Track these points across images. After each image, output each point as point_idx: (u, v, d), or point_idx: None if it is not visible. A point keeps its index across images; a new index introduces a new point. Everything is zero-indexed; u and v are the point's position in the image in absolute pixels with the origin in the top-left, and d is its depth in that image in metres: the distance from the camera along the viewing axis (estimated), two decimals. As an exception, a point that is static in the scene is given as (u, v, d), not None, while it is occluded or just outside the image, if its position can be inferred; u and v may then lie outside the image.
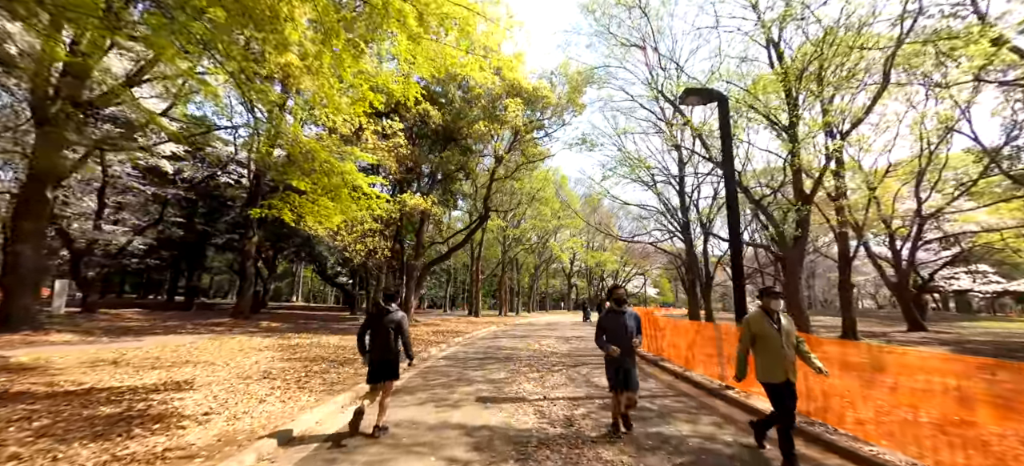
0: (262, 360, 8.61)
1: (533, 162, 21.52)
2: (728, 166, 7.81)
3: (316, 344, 11.44)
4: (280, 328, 16.65)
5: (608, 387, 4.81)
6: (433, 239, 25.16)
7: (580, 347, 12.83)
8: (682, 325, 8.63)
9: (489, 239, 38.88)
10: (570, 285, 61.65)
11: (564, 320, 29.92)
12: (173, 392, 5.69)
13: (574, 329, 20.84)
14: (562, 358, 10.33)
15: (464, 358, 10.26)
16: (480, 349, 12.07)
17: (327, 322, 20.60)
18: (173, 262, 32.66)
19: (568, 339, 15.39)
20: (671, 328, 9.18)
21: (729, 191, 7.76)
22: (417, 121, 18.55)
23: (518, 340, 14.77)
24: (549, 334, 17.52)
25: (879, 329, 21.92)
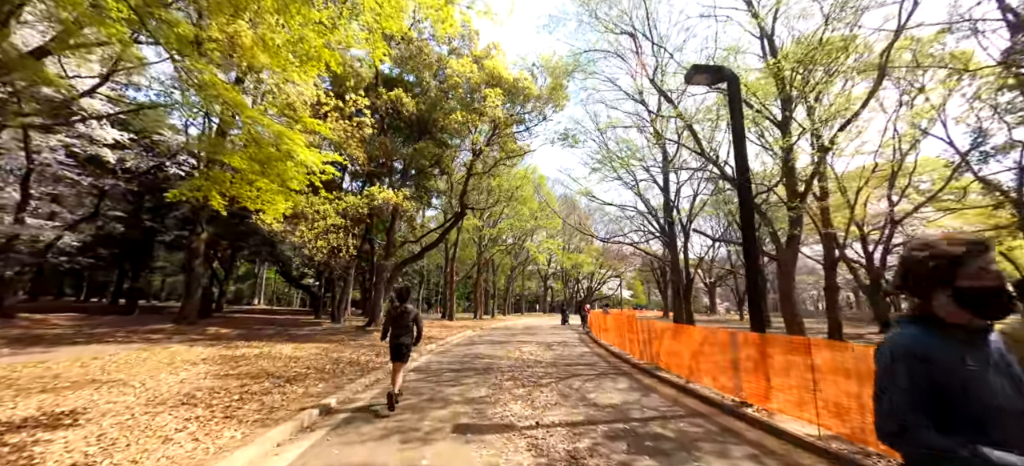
0: (191, 377, 7.12)
1: (512, 158, 20.49)
2: (741, 155, 6.96)
3: (265, 355, 9.92)
4: (229, 335, 14.87)
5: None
6: (405, 239, 23.68)
7: (565, 354, 11.82)
8: (685, 331, 7.74)
9: (464, 239, 37.54)
10: (546, 287, 60.99)
11: (542, 323, 28.99)
12: (45, 429, 4.25)
13: (554, 333, 19.88)
14: (548, 368, 9.27)
15: (438, 370, 9.04)
16: (456, 358, 10.86)
17: (286, 327, 18.81)
18: (116, 261, 29.70)
19: (550, 345, 14.38)
20: (670, 334, 8.28)
21: (742, 184, 6.92)
22: (389, 110, 17.15)
23: (497, 346, 13.64)
24: (529, 339, 16.47)
25: (854, 331, 22.10)
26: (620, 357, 11.16)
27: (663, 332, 8.66)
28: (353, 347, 11.93)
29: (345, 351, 10.99)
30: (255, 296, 62.39)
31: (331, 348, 11.58)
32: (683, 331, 7.81)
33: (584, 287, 66.94)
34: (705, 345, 6.96)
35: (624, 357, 10.96)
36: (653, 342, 9.22)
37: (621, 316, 15.24)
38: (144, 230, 27.19)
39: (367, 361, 9.50)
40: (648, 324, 9.72)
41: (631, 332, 11.51)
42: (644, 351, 9.94)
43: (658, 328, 8.85)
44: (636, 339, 10.91)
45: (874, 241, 26.46)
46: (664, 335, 8.61)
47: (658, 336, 8.88)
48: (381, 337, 6.18)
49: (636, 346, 10.79)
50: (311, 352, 10.64)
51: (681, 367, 7.74)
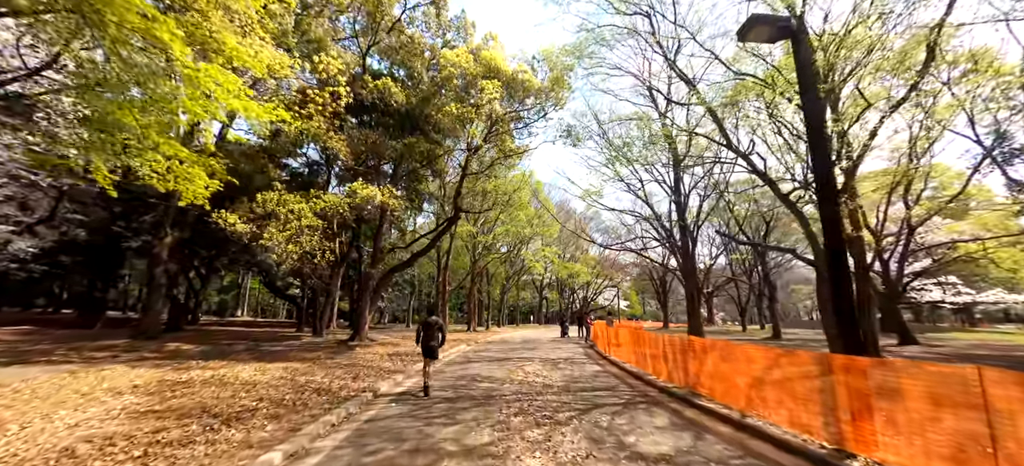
0: (97, 417, 5.37)
1: (510, 158, 18.99)
2: (816, 128, 5.50)
3: (215, 380, 8.15)
4: (189, 353, 13.01)
5: None
6: (394, 245, 21.97)
7: (576, 375, 10.18)
8: (738, 351, 6.17)
9: (458, 247, 35.84)
10: (541, 297, 59.30)
11: (540, 335, 27.28)
12: None
13: (556, 348, 18.21)
14: (562, 396, 7.63)
15: (427, 399, 7.35)
16: (449, 381, 9.17)
17: (259, 342, 16.91)
18: (80, 269, 27.52)
19: (556, 362, 12.72)
20: (716, 354, 6.71)
21: (819, 171, 5.44)
22: (376, 100, 15.55)
23: (496, 365, 11.95)
24: (530, 354, 14.80)
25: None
26: (640, 377, 9.55)
27: (704, 350, 7.08)
28: (328, 368, 10.17)
29: (316, 374, 9.24)
30: (238, 307, 59.91)
31: (301, 369, 9.81)
32: (736, 351, 6.24)
33: (580, 297, 65.36)
34: (773, 369, 5.39)
35: (645, 378, 9.36)
36: (688, 362, 7.63)
37: (632, 329, 13.68)
38: (111, 236, 25.16)
39: (340, 387, 7.78)
40: (680, 340, 8.14)
41: (650, 348, 9.92)
42: (673, 372, 8.35)
43: (697, 346, 7.27)
44: (659, 356, 9.33)
45: (888, 249, 25.34)
46: (706, 354, 7.03)
47: (697, 355, 7.29)
48: (416, 342, 8.17)
49: (660, 364, 9.19)
50: (275, 375, 8.88)
51: (732, 396, 6.15)
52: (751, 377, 5.78)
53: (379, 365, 10.94)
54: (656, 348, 9.54)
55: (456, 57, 16.21)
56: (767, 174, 10.68)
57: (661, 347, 9.20)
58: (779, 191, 10.52)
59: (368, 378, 8.92)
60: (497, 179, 19.76)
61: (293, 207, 11.65)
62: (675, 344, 8.32)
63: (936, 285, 32.40)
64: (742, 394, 5.95)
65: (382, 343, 17.30)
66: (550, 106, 18.70)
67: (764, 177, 10.60)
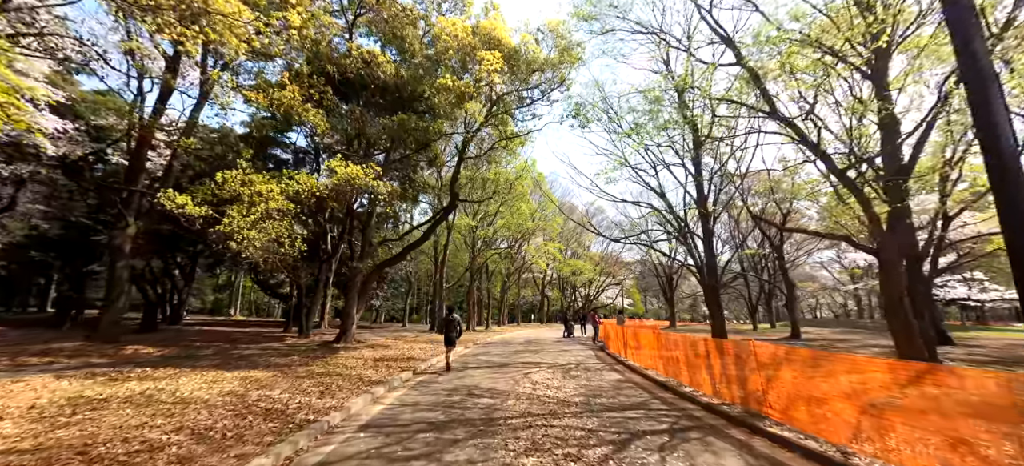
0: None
1: (511, 142, 17.26)
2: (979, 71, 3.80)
3: (144, 397, 6.44)
4: (145, 358, 11.32)
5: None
6: (386, 238, 20.25)
7: (594, 386, 8.46)
8: (833, 363, 4.46)
9: (456, 242, 34.12)
10: (543, 296, 57.62)
11: (543, 335, 25.57)
12: None
13: (563, 349, 16.50)
14: (584, 419, 5.93)
15: (407, 426, 5.64)
16: (439, 397, 7.46)
17: (237, 344, 15.19)
18: (46, 266, 25.83)
19: (566, 368, 11.01)
20: (799, 364, 4.99)
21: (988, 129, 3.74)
22: (363, 71, 13.78)
23: (497, 372, 10.24)
24: (536, 358, 13.09)
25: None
26: (673, 390, 7.85)
27: (775, 360, 5.36)
28: (296, 377, 8.46)
29: (277, 387, 7.52)
30: (231, 306, 58.30)
31: (262, 380, 8.10)
32: (830, 362, 4.53)
33: (582, 296, 63.68)
34: (909, 389, 3.68)
35: (679, 390, 7.66)
36: (746, 373, 5.92)
37: (655, 330, 12.03)
38: (83, 229, 23.44)
39: (299, 407, 6.07)
40: (734, 346, 6.42)
41: (684, 353, 8.22)
42: (720, 385, 6.64)
43: (763, 354, 5.54)
44: (696, 363, 7.63)
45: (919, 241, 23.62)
46: (778, 366, 5.31)
47: (762, 366, 5.57)
48: (439, 331, 10.86)
49: (698, 374, 7.50)
50: (225, 389, 7.17)
51: (827, 424, 4.43)
52: (863, 399, 4.07)
53: (360, 373, 9.23)
54: (693, 354, 7.84)
55: (452, 26, 14.47)
56: (820, 147, 8.95)
57: (700, 353, 7.49)
58: (836, 168, 8.80)
59: (341, 392, 7.20)
60: (498, 165, 18.09)
61: (260, 188, 9.92)
62: (725, 350, 6.61)
63: (960, 281, 30.71)
64: (843, 422, 4.23)
65: (371, 345, 15.59)
66: (556, 88, 16.95)
67: (817, 151, 8.87)
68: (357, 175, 10.65)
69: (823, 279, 57.35)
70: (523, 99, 17.42)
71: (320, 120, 11.42)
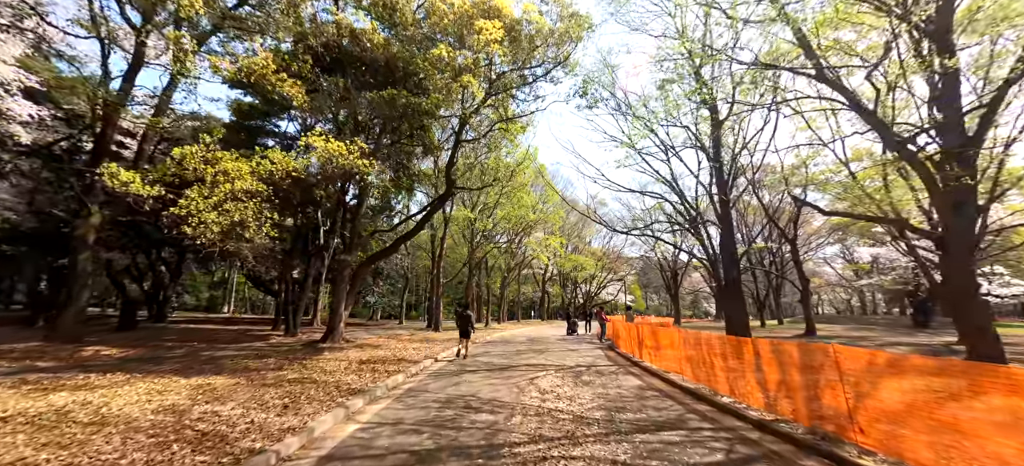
0: None
1: (512, 125, 15.89)
2: None
3: (60, 415, 5.12)
4: (102, 361, 10.05)
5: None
6: (377, 229, 18.93)
7: (613, 395, 7.16)
8: (991, 377, 3.16)
9: (455, 238, 32.77)
10: (544, 292, 56.35)
11: (545, 333, 24.26)
12: None
13: (569, 348, 15.20)
14: (609, 441, 4.64)
15: (383, 453, 4.35)
16: (430, 411, 6.17)
17: (215, 344, 13.88)
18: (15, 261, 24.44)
19: (577, 372, 9.72)
20: (920, 379, 3.68)
21: None
22: (350, 42, 12.40)
23: (498, 378, 8.96)
24: (540, 359, 11.81)
25: (925, 340, 17.63)
26: (709, 400, 6.57)
27: (873, 370, 4.04)
28: (262, 386, 7.15)
29: (232, 399, 6.22)
30: (225, 303, 57.13)
31: (220, 390, 6.80)
32: (969, 376, 3.24)
33: (583, 292, 62.41)
34: None
35: (717, 401, 6.38)
36: (820, 386, 4.62)
37: (672, 329, 10.78)
38: (58, 221, 22.09)
39: (247, 429, 4.77)
40: (800, 351, 5.12)
41: (725, 359, 6.94)
42: (777, 399, 5.35)
43: (853, 362, 4.23)
44: (740, 370, 6.35)
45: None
46: (878, 378, 4.00)
47: (850, 377, 4.25)
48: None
49: (744, 383, 6.22)
50: (165, 403, 5.87)
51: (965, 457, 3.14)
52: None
53: (339, 380, 7.93)
54: (733, 357, 6.55)
55: (449, -7, 13.10)
56: (877, 115, 7.61)
57: (745, 357, 6.20)
58: (895, 140, 7.48)
59: (309, 406, 5.91)
60: (498, 152, 16.79)
61: (227, 167, 8.58)
62: (784, 355, 5.31)
63: (980, 276, 29.50)
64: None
65: (359, 345, 14.29)
66: (561, 66, 15.55)
67: (873, 119, 7.54)
68: (339, 152, 9.31)
69: (826, 275, 56.19)
70: (524, 78, 16.07)
71: (297, 92, 10.06)
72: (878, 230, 30.73)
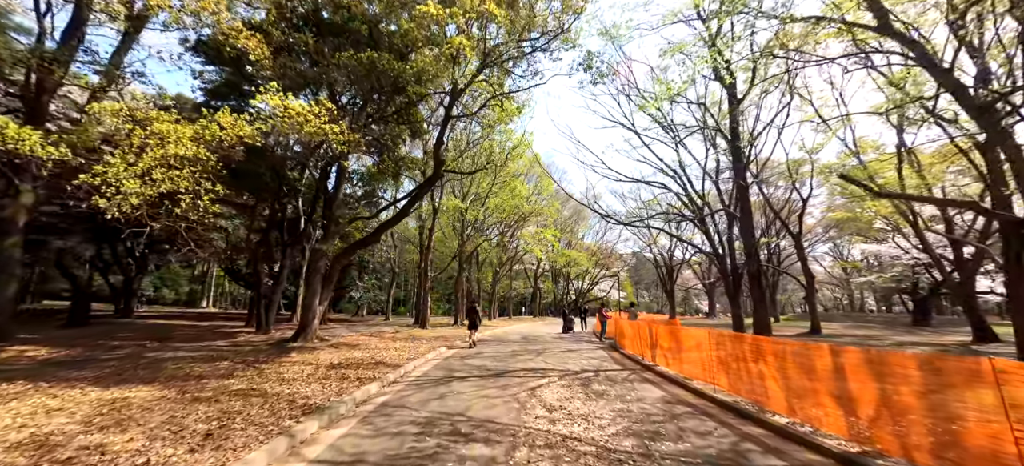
0: None
1: (508, 98, 14.39)
2: None
3: None
4: (18, 364, 8.38)
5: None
6: (358, 216, 17.30)
7: (636, 411, 5.75)
8: None
9: (445, 231, 31.19)
10: (536, 288, 55.03)
11: (540, 331, 22.87)
12: None
13: (569, 349, 13.81)
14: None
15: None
16: (405, 438, 4.69)
17: (168, 344, 12.18)
18: None
19: (585, 380, 8.31)
20: None
21: None
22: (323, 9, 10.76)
23: (492, 386, 7.51)
24: (539, 362, 10.38)
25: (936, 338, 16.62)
26: (757, 420, 5.22)
27: None
28: (191, 402, 5.58)
29: (143, 421, 4.66)
30: (203, 298, 54.81)
31: (135, 406, 5.23)
32: None
33: (575, 288, 61.25)
34: None
35: (767, 420, 5.03)
36: (953, 411, 3.24)
37: (709, 331, 9.46)
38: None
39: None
40: (919, 362, 3.73)
41: (765, 361, 5.58)
42: (875, 424, 3.99)
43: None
44: (817, 389, 5.00)
45: (964, 227, 21.55)
46: None
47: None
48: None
49: (813, 403, 4.87)
50: (40, 429, 4.31)
51: None
52: None
53: (297, 391, 6.40)
54: (801, 370, 5.18)
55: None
56: (953, 74, 6.31)
57: (818, 368, 4.83)
58: (976, 103, 6.17)
59: (243, 432, 4.39)
60: (491, 131, 15.31)
61: (161, 129, 6.95)
62: (888, 367, 3.93)
63: (982, 273, 28.92)
64: None
65: (335, 344, 12.71)
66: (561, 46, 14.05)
67: (949, 80, 6.23)
68: (304, 115, 7.73)
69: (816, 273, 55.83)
70: (522, 50, 14.55)
71: (256, 46, 8.44)
72: (880, 226, 30.01)
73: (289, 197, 18.92)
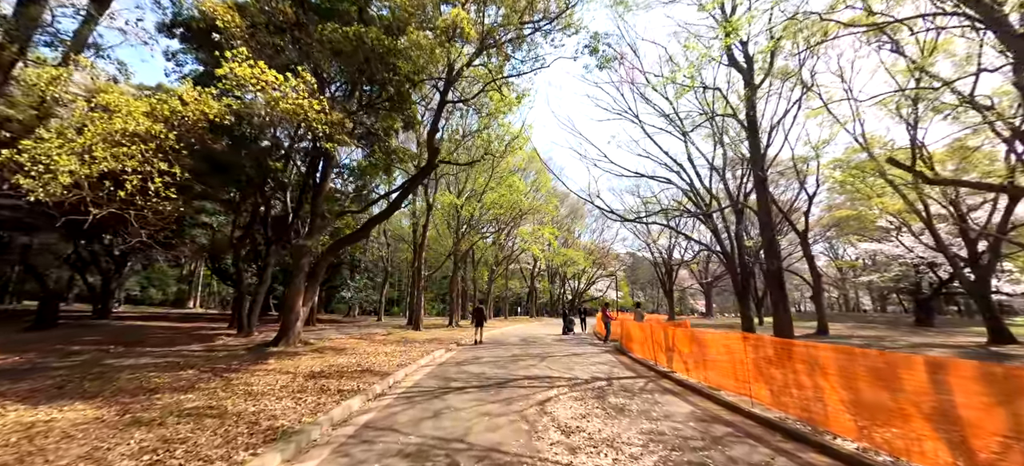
0: None
1: (507, 84, 13.44)
2: None
3: None
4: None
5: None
6: (346, 210, 16.24)
7: (666, 431, 4.79)
8: None
9: (440, 230, 30.16)
10: (532, 287, 54.10)
11: (539, 332, 21.92)
12: None
13: (572, 353, 12.86)
14: None
15: None
16: None
17: (134, 349, 11.04)
18: None
19: (598, 390, 7.35)
20: None
21: None
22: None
23: (493, 400, 6.54)
24: (544, 369, 9.42)
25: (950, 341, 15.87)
26: (829, 449, 4.30)
27: None
28: (129, 425, 4.53)
29: (58, 456, 3.62)
30: (190, 298, 53.35)
31: (59, 435, 4.20)
32: None
33: (571, 288, 60.40)
34: None
35: (842, 450, 4.11)
36: None
37: (721, 333, 8.57)
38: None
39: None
40: None
41: (828, 375, 4.66)
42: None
43: None
44: (892, 402, 4.08)
45: (978, 224, 20.88)
46: None
47: None
48: (471, 317, 17.31)
49: (899, 427, 3.95)
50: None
51: None
52: None
53: (263, 409, 5.38)
54: (882, 386, 4.26)
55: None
56: None
57: (910, 386, 3.91)
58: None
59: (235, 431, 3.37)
60: (490, 119, 14.37)
61: (109, 100, 5.90)
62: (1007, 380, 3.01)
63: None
64: None
65: (319, 349, 11.66)
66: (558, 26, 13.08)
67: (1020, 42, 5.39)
68: (280, 88, 6.69)
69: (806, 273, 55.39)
70: (522, 33, 13.59)
71: (224, 12, 7.40)
72: (882, 224, 29.45)
73: (276, 191, 17.83)
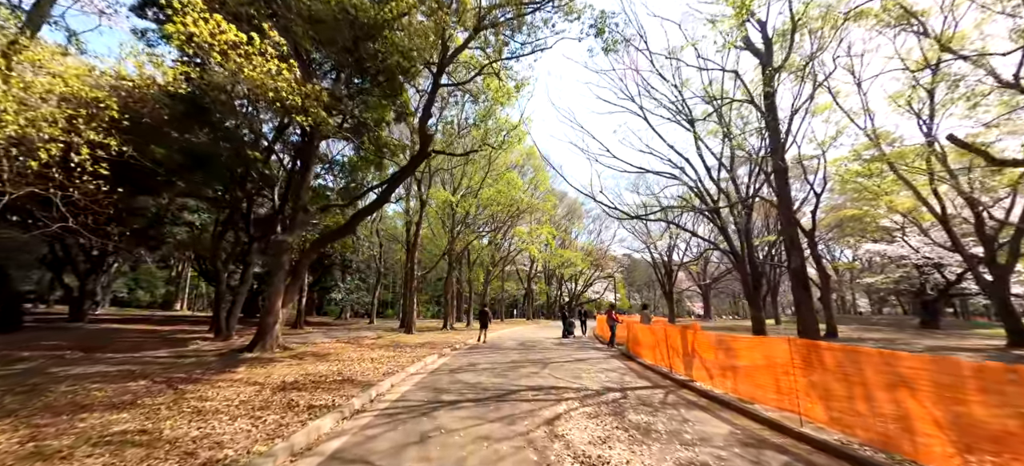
0: None
1: (508, 65, 12.52)
2: None
3: None
4: None
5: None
6: (330, 204, 15.19)
7: (708, 460, 3.87)
8: None
9: (434, 230, 29.12)
10: (528, 289, 53.09)
11: (537, 336, 20.92)
12: None
13: (575, 358, 11.87)
14: None
15: None
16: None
17: (94, 354, 9.92)
18: None
19: (615, 404, 6.37)
20: None
21: None
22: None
23: (492, 417, 5.55)
24: (547, 378, 8.44)
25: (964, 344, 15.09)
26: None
27: None
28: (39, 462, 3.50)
29: None
30: (177, 299, 51.93)
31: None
32: None
33: (568, 289, 59.43)
34: None
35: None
36: None
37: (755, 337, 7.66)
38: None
39: None
40: None
41: (918, 390, 3.72)
42: None
43: None
44: (1002, 426, 3.12)
45: (995, 222, 20.16)
46: None
47: None
48: (476, 317, 21.46)
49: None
50: None
51: None
52: None
53: (210, 433, 4.36)
54: (995, 404, 3.31)
55: None
56: None
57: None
58: None
59: None
60: (487, 106, 13.44)
61: (34, 58, 4.88)
62: None
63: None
64: None
65: (299, 355, 10.58)
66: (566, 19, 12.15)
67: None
68: (244, 51, 5.67)
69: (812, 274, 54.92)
70: (522, 16, 12.65)
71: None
72: (887, 224, 28.81)
73: (260, 187, 16.73)
